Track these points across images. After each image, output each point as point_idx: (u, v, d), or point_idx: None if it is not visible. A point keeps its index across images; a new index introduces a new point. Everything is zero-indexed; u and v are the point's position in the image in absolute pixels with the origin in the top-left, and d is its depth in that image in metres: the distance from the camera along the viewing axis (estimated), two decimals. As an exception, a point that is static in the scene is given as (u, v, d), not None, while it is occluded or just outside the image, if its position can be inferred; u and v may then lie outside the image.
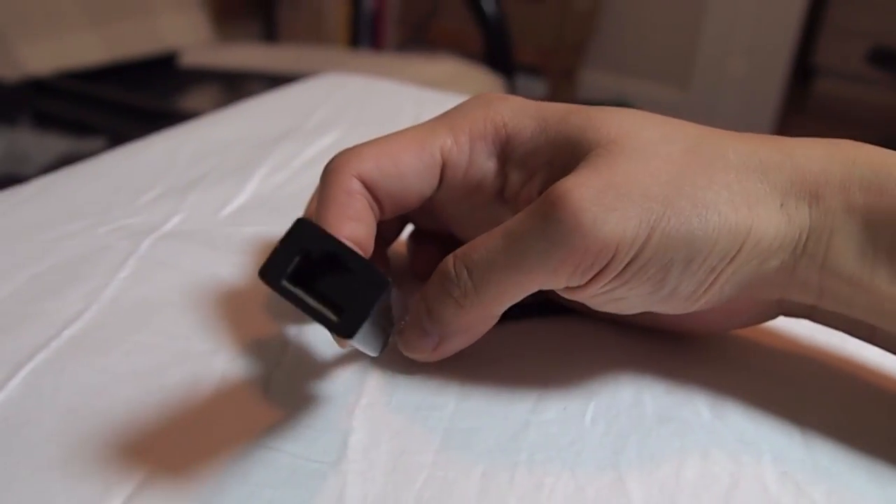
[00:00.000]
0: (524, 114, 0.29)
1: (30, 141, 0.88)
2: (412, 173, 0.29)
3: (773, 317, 0.31)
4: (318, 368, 0.29)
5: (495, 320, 0.28)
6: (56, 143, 0.90)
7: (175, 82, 1.22)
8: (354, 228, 0.27)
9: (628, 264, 0.25)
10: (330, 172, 0.28)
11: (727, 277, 0.27)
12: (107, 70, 1.14)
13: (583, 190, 0.25)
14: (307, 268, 0.23)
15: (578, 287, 0.26)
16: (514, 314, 0.31)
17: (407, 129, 0.30)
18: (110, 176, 0.42)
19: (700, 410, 0.29)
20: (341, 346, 0.28)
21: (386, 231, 0.35)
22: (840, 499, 0.26)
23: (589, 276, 0.26)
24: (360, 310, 0.22)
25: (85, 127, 0.94)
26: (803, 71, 2.33)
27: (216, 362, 0.29)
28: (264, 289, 0.33)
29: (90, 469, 0.24)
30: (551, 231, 0.25)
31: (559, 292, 0.27)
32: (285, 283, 0.22)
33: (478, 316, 0.27)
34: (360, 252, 0.23)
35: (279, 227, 0.34)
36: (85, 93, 1.02)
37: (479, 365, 0.30)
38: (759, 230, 0.26)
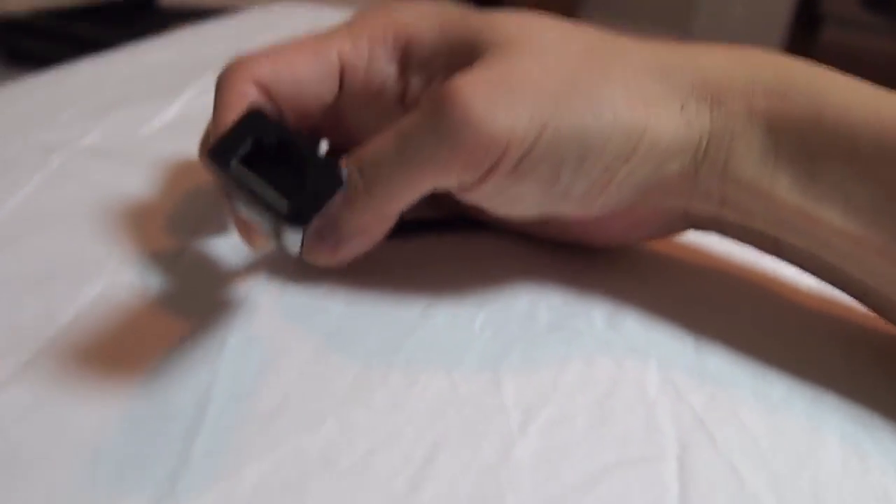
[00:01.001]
0: (425, 18, 0.28)
1: (4, 77, 0.88)
2: (309, 77, 0.28)
3: (681, 230, 0.30)
4: (208, 276, 0.29)
5: (392, 222, 0.27)
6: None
7: (153, 22, 1.21)
8: None
9: (520, 160, 0.25)
10: (224, 80, 0.28)
11: (623, 178, 0.26)
12: (85, 9, 1.13)
13: (473, 86, 0.24)
14: (257, 156, 0.22)
15: (472, 186, 0.26)
16: (415, 228, 0.31)
17: (303, 38, 0.29)
18: (32, 96, 0.42)
19: (594, 321, 0.29)
20: (253, 245, 0.27)
21: None
22: (719, 404, 0.26)
23: (480, 174, 0.25)
24: (313, 199, 0.21)
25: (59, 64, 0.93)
26: (809, 20, 2.29)
27: (104, 269, 0.29)
28: (168, 204, 0.33)
29: None
30: (440, 126, 0.24)
31: (455, 194, 0.27)
32: (234, 164, 0.21)
33: (372, 217, 0.26)
34: (312, 145, 0.22)
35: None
36: (60, 30, 1.01)
37: (372, 272, 0.30)
38: (657, 130, 0.26)
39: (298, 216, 0.21)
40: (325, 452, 0.22)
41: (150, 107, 0.41)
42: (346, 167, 0.26)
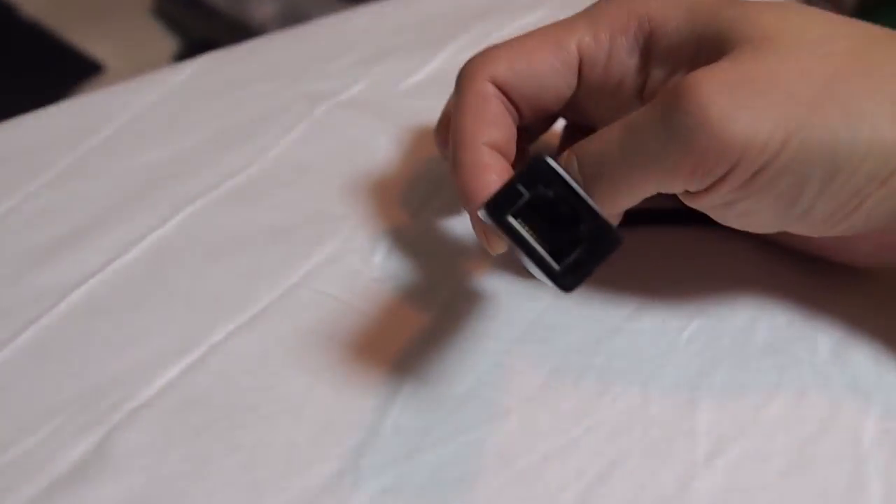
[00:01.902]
0: (672, 4, 0.26)
1: (307, 0, 0.95)
2: (548, 73, 0.27)
3: (946, 258, 0.26)
4: (430, 248, 0.30)
5: (614, 221, 0.26)
6: (332, 4, 0.97)
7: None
8: (492, 134, 0.27)
9: (756, 173, 0.22)
10: (463, 78, 0.28)
11: (876, 203, 0.23)
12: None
13: (714, 82, 0.22)
14: (535, 208, 0.21)
15: (698, 193, 0.24)
16: (643, 219, 0.30)
17: (543, 27, 0.28)
18: (311, 42, 0.45)
19: (818, 348, 0.26)
20: (491, 250, 0.26)
21: (534, 126, 0.34)
22: (950, 473, 0.23)
23: (710, 181, 0.23)
24: (585, 264, 0.21)
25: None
26: None
27: (343, 227, 0.31)
28: (408, 168, 0.35)
29: (204, 305, 0.28)
30: (672, 124, 0.22)
31: (681, 198, 0.25)
32: (510, 220, 0.21)
33: None
34: (592, 203, 0.21)
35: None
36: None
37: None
38: None
39: (568, 282, 0.21)
40: (502, 449, 0.23)
41: (414, 59, 0.43)
42: (566, 158, 0.25)
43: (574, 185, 0.21)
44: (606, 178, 0.24)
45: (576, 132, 0.33)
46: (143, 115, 0.39)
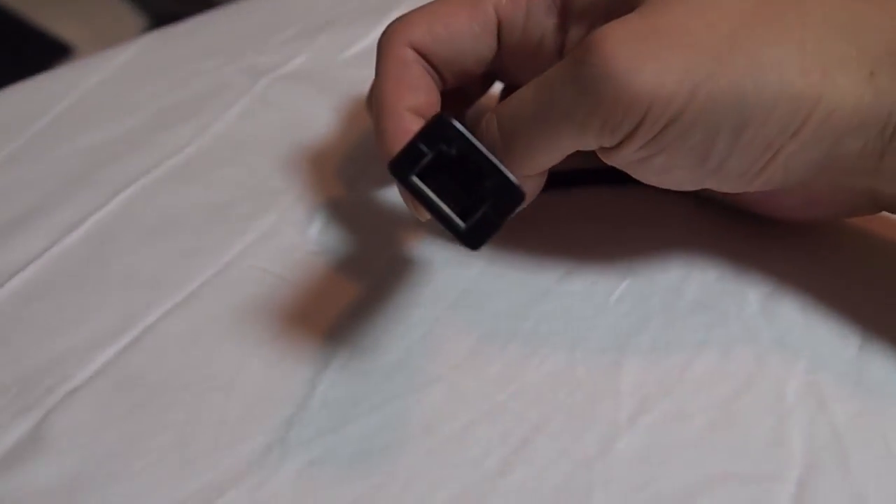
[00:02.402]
0: None
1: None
2: (465, 35, 0.27)
3: (870, 211, 0.27)
4: (365, 221, 0.31)
5: (537, 183, 0.26)
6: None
7: None
8: (414, 98, 0.27)
9: (665, 126, 0.22)
10: (382, 45, 0.28)
11: (790, 155, 0.23)
12: None
13: (621, 34, 0.22)
14: (438, 166, 0.21)
15: (612, 149, 0.24)
16: (570, 179, 0.30)
17: None
18: (255, 15, 0.45)
19: (747, 302, 0.27)
20: (420, 217, 0.26)
21: (470, 89, 0.33)
22: (867, 421, 0.23)
23: (620, 136, 0.23)
24: (490, 221, 0.21)
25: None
26: None
27: (281, 200, 0.32)
28: (348, 140, 0.35)
29: (140, 286, 0.28)
30: (580, 77, 0.22)
31: (599, 155, 0.25)
32: (414, 179, 0.21)
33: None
34: (494, 159, 0.22)
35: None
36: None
37: (519, 228, 0.29)
38: (833, 101, 0.22)
39: (473, 240, 0.21)
40: (428, 417, 0.24)
41: (356, 28, 0.43)
42: (485, 119, 0.25)
43: (475, 141, 0.21)
44: (522, 136, 0.24)
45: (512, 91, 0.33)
46: (87, 97, 0.38)
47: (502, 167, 0.21)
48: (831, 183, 0.25)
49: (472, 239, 0.21)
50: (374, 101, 0.27)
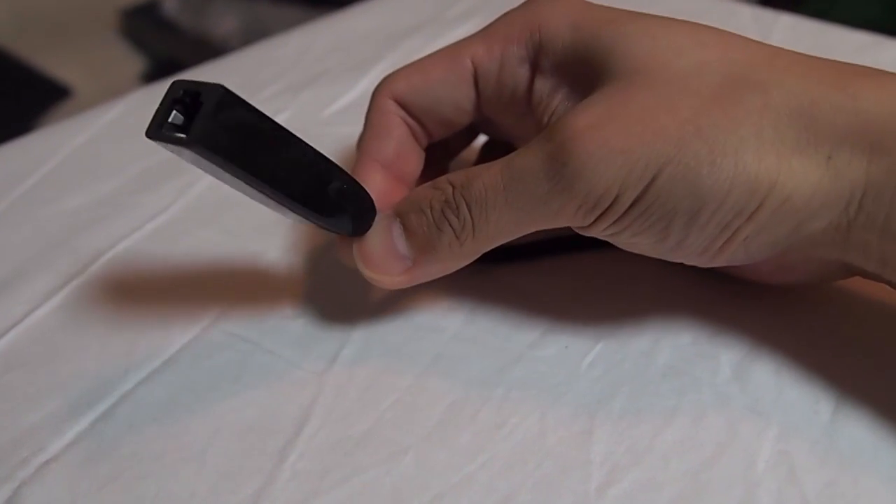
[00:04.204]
0: (561, 17, 0.27)
1: (269, 13, 0.95)
2: (442, 86, 0.28)
3: (843, 277, 0.27)
4: (343, 282, 0.31)
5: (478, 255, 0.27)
6: (292, 14, 0.97)
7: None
8: (385, 147, 0.28)
9: (628, 209, 0.23)
10: (371, 97, 0.29)
11: (749, 235, 0.23)
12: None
13: (592, 133, 0.23)
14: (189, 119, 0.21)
15: (581, 227, 0.25)
16: (547, 248, 0.30)
17: (446, 46, 0.29)
18: (243, 70, 0.45)
19: (720, 369, 0.27)
20: (339, 253, 0.28)
21: (452, 142, 0.34)
22: (840, 493, 0.23)
23: (591, 219, 0.24)
24: (201, 118, 0.20)
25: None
26: None
27: (259, 263, 0.32)
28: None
29: (118, 353, 0.28)
30: (555, 174, 0.23)
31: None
32: (162, 132, 0.21)
33: (469, 251, 0.26)
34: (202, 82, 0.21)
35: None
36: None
37: (494, 290, 0.30)
38: (788, 185, 0.22)
39: (193, 135, 0.20)
40: (397, 490, 0.24)
41: (340, 84, 0.43)
42: (452, 195, 0.25)
43: (194, 80, 0.21)
44: (494, 221, 0.25)
45: (494, 147, 0.34)
46: (73, 157, 0.39)
47: (206, 83, 0.21)
48: (801, 254, 0.25)
49: (191, 137, 0.20)
50: (357, 147, 0.28)
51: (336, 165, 0.25)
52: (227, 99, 0.21)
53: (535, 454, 0.24)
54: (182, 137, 0.21)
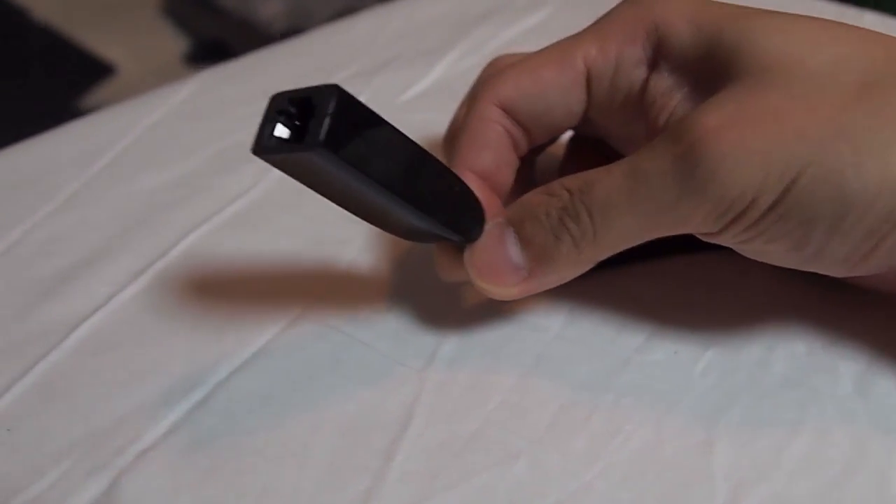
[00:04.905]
0: (680, 15, 0.25)
1: (315, -2, 0.94)
2: (554, 90, 0.26)
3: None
4: (434, 273, 0.30)
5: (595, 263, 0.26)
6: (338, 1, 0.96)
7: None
8: (481, 159, 0.26)
9: (763, 215, 0.22)
10: (471, 100, 0.27)
11: (894, 243, 0.22)
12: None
13: (726, 132, 0.21)
14: (297, 130, 0.20)
15: (707, 234, 0.24)
16: (654, 251, 0.29)
17: (553, 44, 0.27)
18: (312, 54, 0.44)
19: (842, 381, 0.25)
20: (441, 272, 0.27)
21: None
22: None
23: (721, 225, 0.22)
24: (318, 121, 0.19)
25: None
26: None
27: (347, 252, 0.31)
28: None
29: (209, 340, 0.28)
30: (685, 177, 0.22)
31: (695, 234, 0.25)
32: (270, 145, 0.20)
33: (588, 259, 0.25)
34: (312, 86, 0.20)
35: (452, 116, 0.33)
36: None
37: (596, 290, 0.29)
38: None
39: (312, 139, 0.19)
40: (512, 495, 0.23)
41: (413, 69, 0.42)
42: (570, 201, 0.24)
43: (300, 88, 0.20)
44: (617, 228, 0.23)
45: (581, 144, 0.33)
46: (144, 138, 0.38)
47: (316, 86, 0.20)
48: None
49: (311, 141, 0.19)
50: (452, 152, 0.27)
51: (449, 169, 0.24)
52: (344, 99, 0.20)
53: (654, 465, 0.23)
54: (301, 144, 0.19)
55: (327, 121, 0.19)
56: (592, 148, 0.32)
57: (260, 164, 0.35)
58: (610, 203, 0.23)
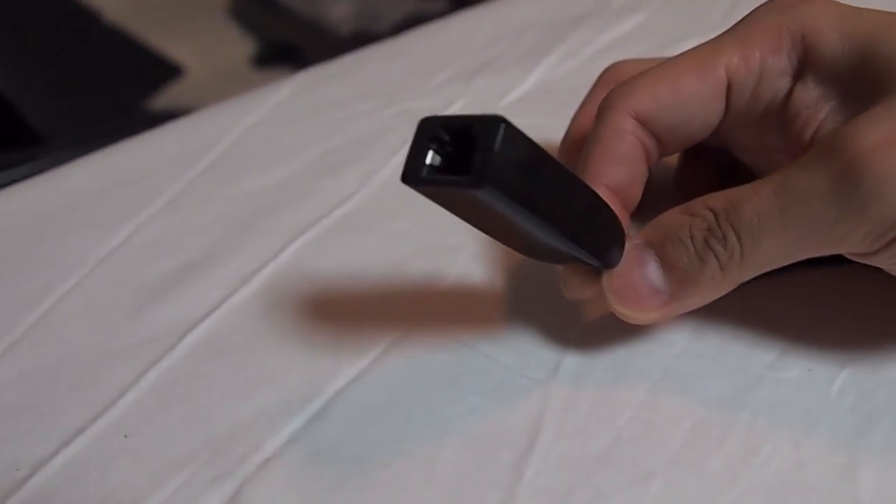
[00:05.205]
0: (829, 24, 0.24)
1: (381, 0, 0.94)
2: (693, 100, 0.25)
3: None
4: (553, 281, 0.29)
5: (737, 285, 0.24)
6: (405, 3, 0.96)
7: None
8: (615, 174, 0.25)
9: None
10: (603, 110, 0.26)
11: None
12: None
13: (888, 149, 0.20)
14: (443, 160, 0.20)
15: (862, 255, 0.23)
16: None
17: (689, 50, 0.26)
18: (408, 56, 0.44)
19: None
20: (569, 292, 0.26)
21: None
22: None
23: (879, 245, 0.21)
24: (483, 156, 0.18)
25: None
26: None
27: (459, 259, 0.30)
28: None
29: (325, 348, 0.27)
30: (845, 197, 0.21)
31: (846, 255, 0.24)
32: (426, 176, 0.20)
33: (732, 282, 0.24)
34: (467, 115, 0.19)
35: (555, 121, 0.33)
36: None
37: (725, 303, 0.27)
38: None
39: (478, 177, 0.18)
40: (650, 517, 0.22)
41: (511, 73, 0.42)
42: (716, 222, 0.23)
43: (453, 115, 0.19)
44: (766, 249, 0.22)
45: (698, 151, 0.31)
46: (244, 140, 0.38)
47: (479, 115, 0.19)
48: None
49: (474, 178, 0.18)
50: (580, 164, 0.26)
51: (598, 195, 0.23)
52: (509, 133, 0.19)
53: (796, 488, 0.22)
54: (465, 179, 0.18)
55: (494, 157, 0.18)
56: (710, 156, 0.31)
57: (363, 167, 0.35)
58: (760, 224, 0.22)
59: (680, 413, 0.24)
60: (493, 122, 0.18)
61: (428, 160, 0.19)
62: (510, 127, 0.19)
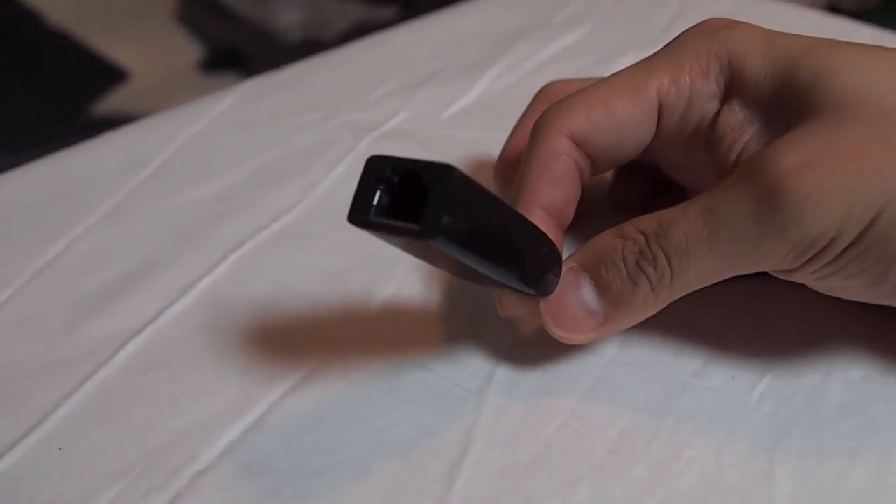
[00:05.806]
0: (753, 49, 0.25)
1: (330, 7, 0.94)
2: (626, 122, 0.26)
3: None
4: (488, 294, 0.30)
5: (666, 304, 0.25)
6: (354, 10, 0.96)
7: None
8: (551, 194, 0.26)
9: (844, 251, 0.22)
10: (538, 129, 0.27)
11: None
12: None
13: (807, 172, 0.21)
14: (393, 200, 0.20)
15: (784, 272, 0.24)
16: None
17: (621, 71, 0.27)
18: (351, 67, 0.44)
19: (897, 408, 0.26)
20: (504, 310, 0.26)
21: None
22: None
23: (800, 263, 0.22)
24: (434, 207, 0.18)
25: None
26: None
27: (396, 272, 0.31)
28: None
29: (261, 359, 0.27)
30: (767, 218, 0.22)
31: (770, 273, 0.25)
32: (372, 219, 0.20)
33: (662, 302, 0.25)
34: (424, 160, 0.19)
35: (495, 134, 0.34)
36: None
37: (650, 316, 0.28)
38: None
39: (428, 227, 0.19)
40: (576, 522, 0.22)
41: (454, 85, 0.42)
42: (647, 244, 0.24)
43: (402, 157, 0.20)
44: (694, 270, 0.23)
45: (630, 168, 0.32)
46: (187, 149, 0.38)
47: (435, 160, 0.19)
48: None
49: (425, 229, 0.19)
50: (515, 186, 0.27)
51: (542, 231, 0.24)
52: (460, 183, 0.19)
53: (715, 492, 0.23)
54: (416, 228, 0.19)
55: (445, 208, 0.18)
56: (642, 172, 0.32)
57: (305, 178, 0.36)
58: (688, 246, 0.23)
59: (608, 421, 0.25)
60: (445, 172, 0.19)
61: (375, 201, 0.20)
62: (461, 177, 0.19)
